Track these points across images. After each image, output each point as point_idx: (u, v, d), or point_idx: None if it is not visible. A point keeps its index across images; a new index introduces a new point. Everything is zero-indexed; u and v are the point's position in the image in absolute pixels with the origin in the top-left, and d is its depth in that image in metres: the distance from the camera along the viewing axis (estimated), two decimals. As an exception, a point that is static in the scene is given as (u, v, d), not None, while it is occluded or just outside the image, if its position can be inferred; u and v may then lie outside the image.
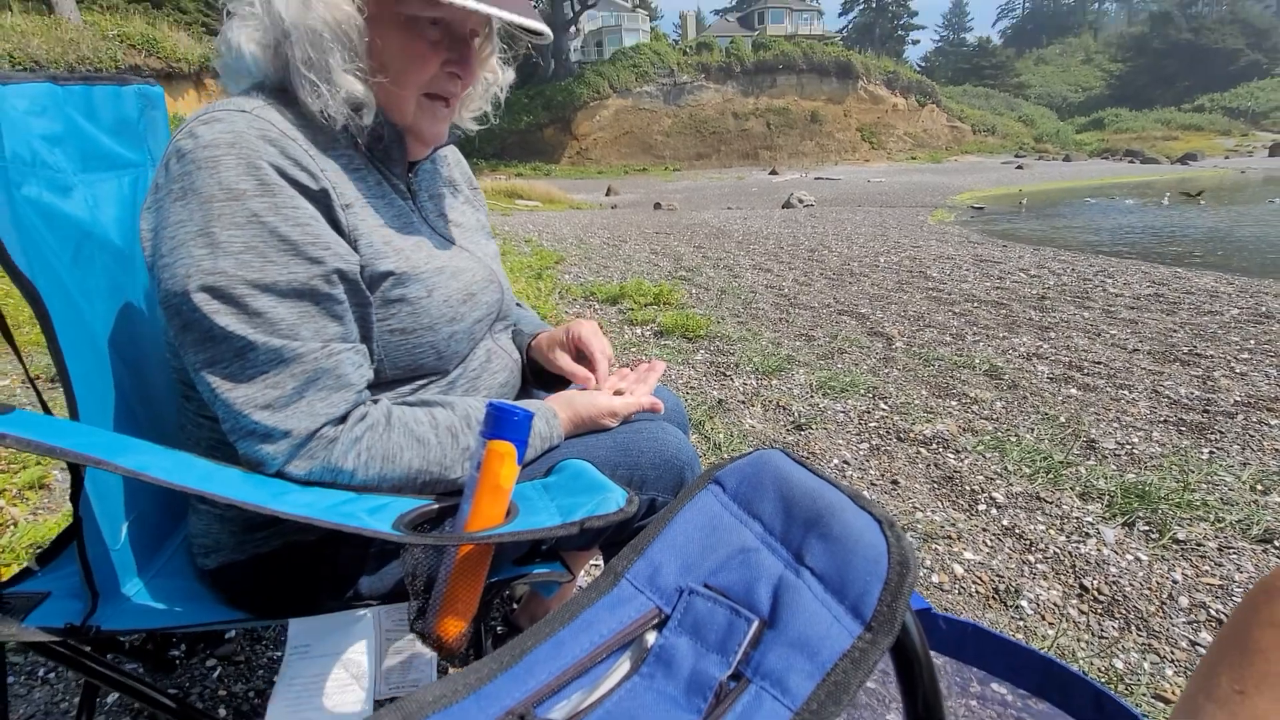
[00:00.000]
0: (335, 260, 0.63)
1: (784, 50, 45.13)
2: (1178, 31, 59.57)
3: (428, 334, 0.72)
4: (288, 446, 0.60)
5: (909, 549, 0.32)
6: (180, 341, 0.60)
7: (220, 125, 0.59)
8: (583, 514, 0.55)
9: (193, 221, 0.57)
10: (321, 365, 0.61)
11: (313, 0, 0.62)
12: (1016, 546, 1.60)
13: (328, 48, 0.63)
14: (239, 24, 0.65)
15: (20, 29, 13.64)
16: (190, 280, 0.57)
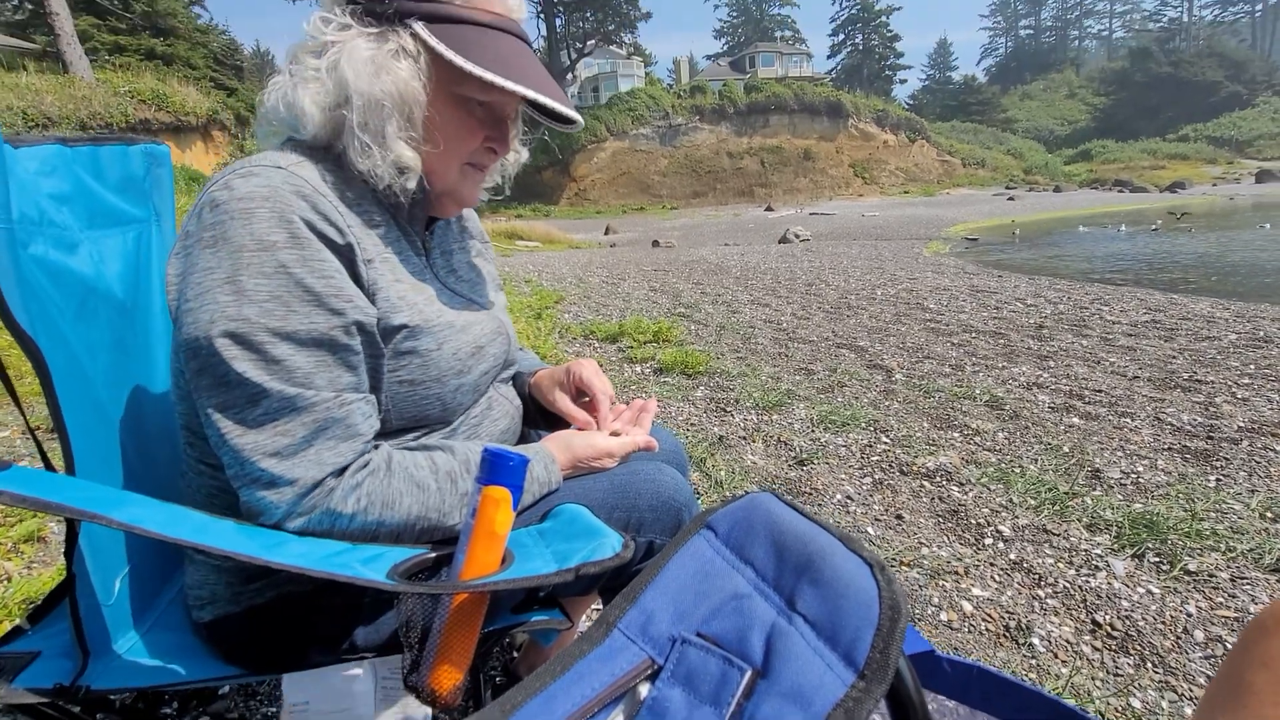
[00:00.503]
0: (355, 313, 0.65)
1: (775, 92, 46.40)
2: (1158, 65, 61.21)
3: (435, 385, 0.74)
4: (292, 495, 0.61)
5: (900, 593, 0.32)
6: (195, 385, 0.61)
7: (257, 179, 0.62)
8: (578, 560, 0.55)
9: (221, 269, 0.59)
10: (333, 414, 0.63)
11: (383, 73, 0.66)
12: (1025, 581, 1.57)
13: (387, 115, 0.67)
14: (300, 84, 0.68)
15: (35, 87, 14.09)
16: (214, 325, 0.58)
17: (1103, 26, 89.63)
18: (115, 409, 0.76)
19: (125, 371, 0.79)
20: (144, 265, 0.88)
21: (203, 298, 0.59)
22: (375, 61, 0.66)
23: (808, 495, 2.05)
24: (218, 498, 0.71)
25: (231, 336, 0.58)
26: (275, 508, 0.61)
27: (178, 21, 24.03)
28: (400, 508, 0.65)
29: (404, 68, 0.66)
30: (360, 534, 0.64)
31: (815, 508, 1.98)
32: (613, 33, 45.59)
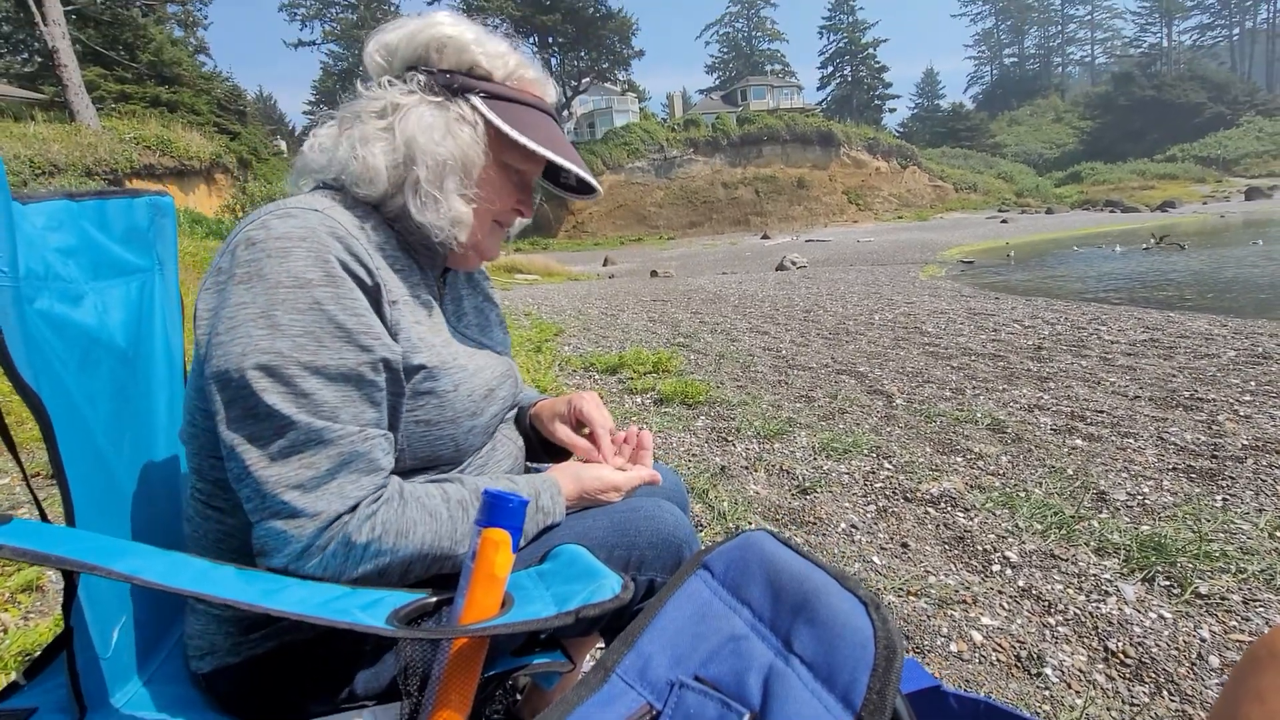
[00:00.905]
0: (383, 350, 0.67)
1: (767, 123, 47.36)
2: (1140, 89, 62.47)
3: (450, 426, 0.75)
4: (313, 528, 0.61)
5: (895, 632, 0.32)
6: (222, 418, 0.61)
7: (294, 220, 0.65)
8: (578, 602, 0.55)
9: (255, 304, 0.61)
10: (357, 448, 0.64)
11: (449, 137, 0.73)
12: (1035, 609, 1.55)
13: (449, 173, 0.74)
14: (367, 141, 0.73)
15: (42, 136, 14.38)
16: (246, 358, 0.60)
17: (1085, 53, 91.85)
18: (115, 457, 0.76)
19: (126, 420, 0.80)
20: (146, 314, 0.90)
21: (235, 331, 0.61)
22: (443, 126, 0.73)
23: (812, 525, 2.03)
24: (225, 541, 0.71)
25: (263, 369, 0.60)
26: (295, 541, 0.61)
27: (183, 70, 24.65)
28: (414, 536, 0.66)
29: (466, 133, 0.74)
30: (374, 566, 0.64)
31: (820, 537, 1.96)
32: (607, 70, 46.79)
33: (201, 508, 0.72)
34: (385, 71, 0.76)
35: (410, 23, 0.76)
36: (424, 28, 0.75)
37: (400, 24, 0.77)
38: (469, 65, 0.76)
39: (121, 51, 22.48)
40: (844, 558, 1.84)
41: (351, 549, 0.62)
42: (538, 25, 43.64)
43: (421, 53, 0.75)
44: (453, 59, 0.76)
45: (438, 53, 0.75)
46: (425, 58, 0.76)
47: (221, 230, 14.68)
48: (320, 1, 48.86)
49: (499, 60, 0.78)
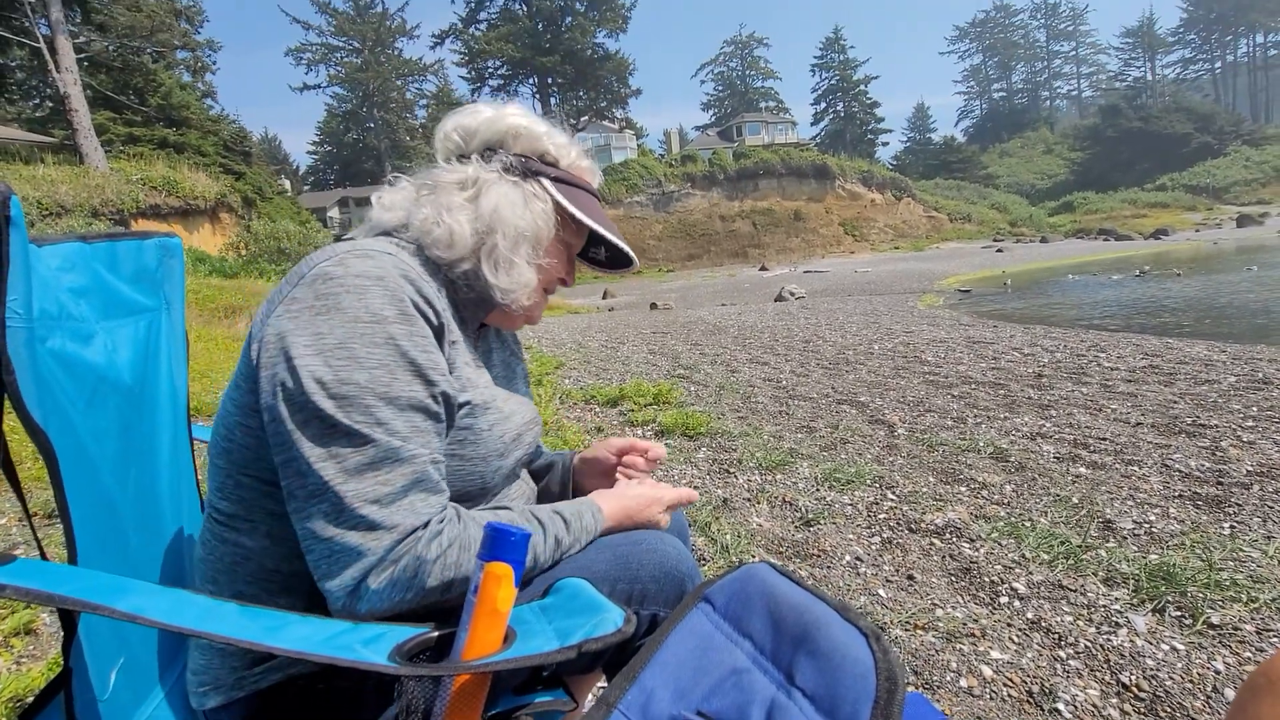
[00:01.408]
0: (444, 384, 0.72)
1: (763, 158, 48.26)
2: (1128, 121, 63.80)
3: (480, 464, 0.79)
4: (389, 540, 0.63)
5: (896, 663, 0.33)
6: (296, 438, 0.64)
7: (371, 261, 0.70)
8: (580, 636, 0.54)
9: (334, 335, 0.65)
10: (426, 470, 0.68)
11: (528, 212, 0.83)
12: (1045, 641, 1.52)
13: (524, 243, 0.83)
14: (451, 210, 0.80)
15: (51, 178, 14.66)
16: (324, 387, 0.64)
17: (1071, 87, 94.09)
18: (119, 494, 0.76)
19: (131, 457, 0.80)
20: (153, 352, 0.91)
21: (314, 358, 0.64)
22: (521, 202, 0.82)
23: (816, 558, 2.01)
24: (240, 566, 0.72)
25: (340, 398, 0.64)
26: (369, 554, 0.63)
27: (191, 113, 25.26)
28: (475, 549, 0.67)
29: (539, 209, 0.84)
30: (439, 581, 0.65)
31: (824, 570, 1.94)
32: (605, 109, 47.92)
33: (219, 530, 0.73)
34: (460, 150, 0.85)
35: (486, 110, 0.86)
36: (502, 117, 0.85)
37: (476, 110, 0.86)
38: (540, 152, 0.87)
39: (131, 96, 23.08)
40: (849, 591, 1.81)
41: (422, 564, 0.64)
42: (538, 67, 44.87)
43: (500, 137, 0.85)
44: (526, 145, 0.86)
45: (514, 139, 0.85)
46: (503, 142, 0.85)
47: (225, 268, 14.84)
48: (326, 47, 50.26)
49: (564, 150, 0.89)
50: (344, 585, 0.63)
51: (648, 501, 0.88)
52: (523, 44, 44.43)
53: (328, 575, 0.63)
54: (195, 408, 4.52)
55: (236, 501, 0.72)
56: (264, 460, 0.70)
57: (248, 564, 0.72)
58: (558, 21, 45.51)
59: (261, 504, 0.71)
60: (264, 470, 0.70)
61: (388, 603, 0.64)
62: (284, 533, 0.71)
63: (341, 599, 0.63)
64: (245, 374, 0.70)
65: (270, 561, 0.72)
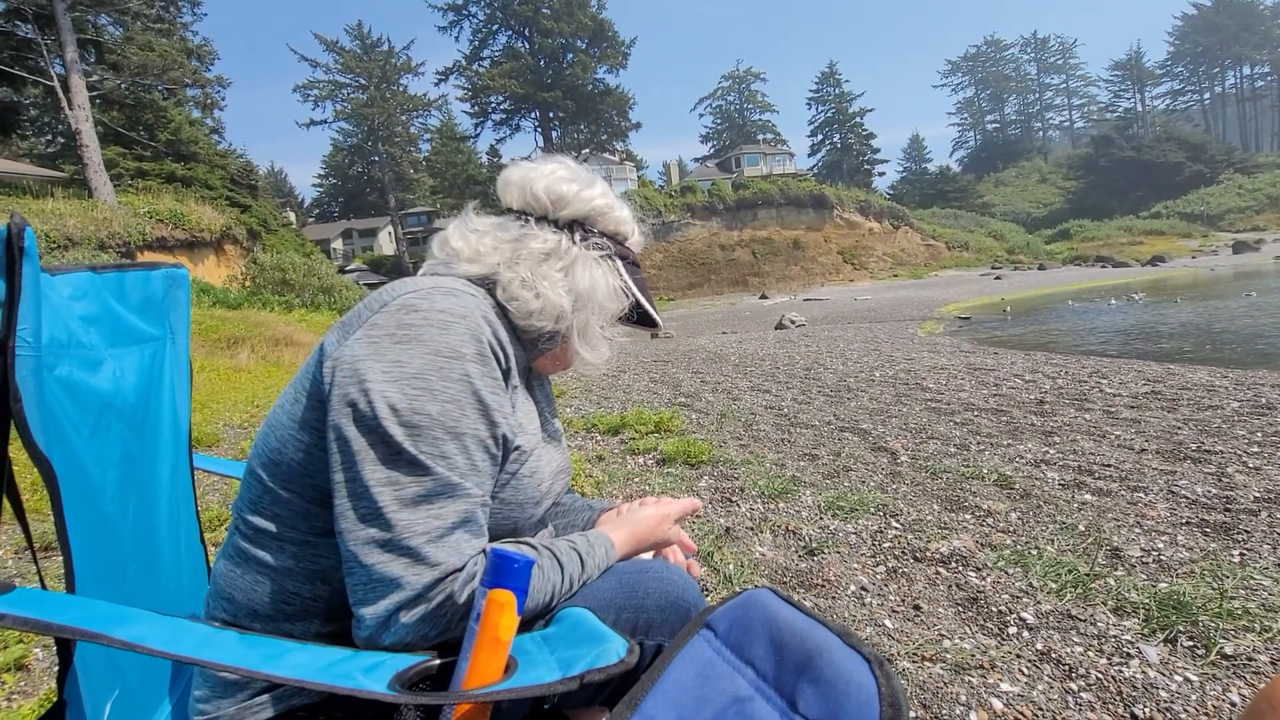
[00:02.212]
0: (505, 427, 0.74)
1: (762, 188, 48.91)
2: (1120, 150, 64.75)
3: (516, 510, 0.80)
4: (431, 577, 0.64)
5: (899, 689, 0.32)
6: (356, 459, 0.65)
7: (455, 300, 0.73)
8: (582, 667, 0.54)
9: (413, 365, 0.67)
10: (475, 511, 0.69)
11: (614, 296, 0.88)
12: (1056, 673, 1.49)
13: (608, 321, 0.90)
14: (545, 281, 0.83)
15: (59, 212, 14.88)
16: (397, 414, 0.65)
17: (1063, 118, 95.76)
18: (119, 522, 0.76)
19: (132, 485, 0.80)
20: (156, 380, 0.92)
21: (390, 384, 0.66)
22: (609, 284, 0.88)
23: (820, 587, 1.98)
24: (261, 585, 0.72)
25: (410, 427, 0.65)
26: (409, 587, 0.63)
27: (199, 148, 25.73)
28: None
29: (618, 289, 0.89)
30: (464, 612, 0.66)
31: (829, 600, 1.91)
32: (606, 142, 48.78)
33: (245, 546, 0.73)
34: (545, 213, 0.87)
35: (576, 179, 0.89)
36: (593, 195, 0.89)
37: (572, 177, 0.89)
38: (616, 232, 0.92)
39: (142, 132, 23.55)
40: (855, 622, 1.78)
41: (454, 606, 0.65)
42: (539, 101, 45.83)
43: (588, 214, 0.89)
44: (607, 225, 0.91)
45: (600, 217, 0.90)
46: (589, 218, 0.89)
47: (229, 299, 14.95)
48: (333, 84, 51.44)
49: (628, 227, 0.95)
50: (378, 615, 0.63)
51: (656, 521, 0.89)
52: (525, 80, 45.48)
53: (364, 601, 0.64)
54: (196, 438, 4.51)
55: (271, 518, 0.72)
56: (310, 478, 0.70)
57: (268, 583, 0.72)
58: (559, 58, 46.66)
59: (295, 523, 0.72)
60: (307, 488, 0.71)
61: (413, 637, 0.64)
62: (309, 556, 0.72)
63: (372, 627, 0.64)
64: (310, 390, 0.71)
65: (291, 584, 0.72)
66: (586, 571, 0.78)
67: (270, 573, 0.72)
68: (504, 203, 0.90)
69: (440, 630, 0.65)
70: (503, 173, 0.91)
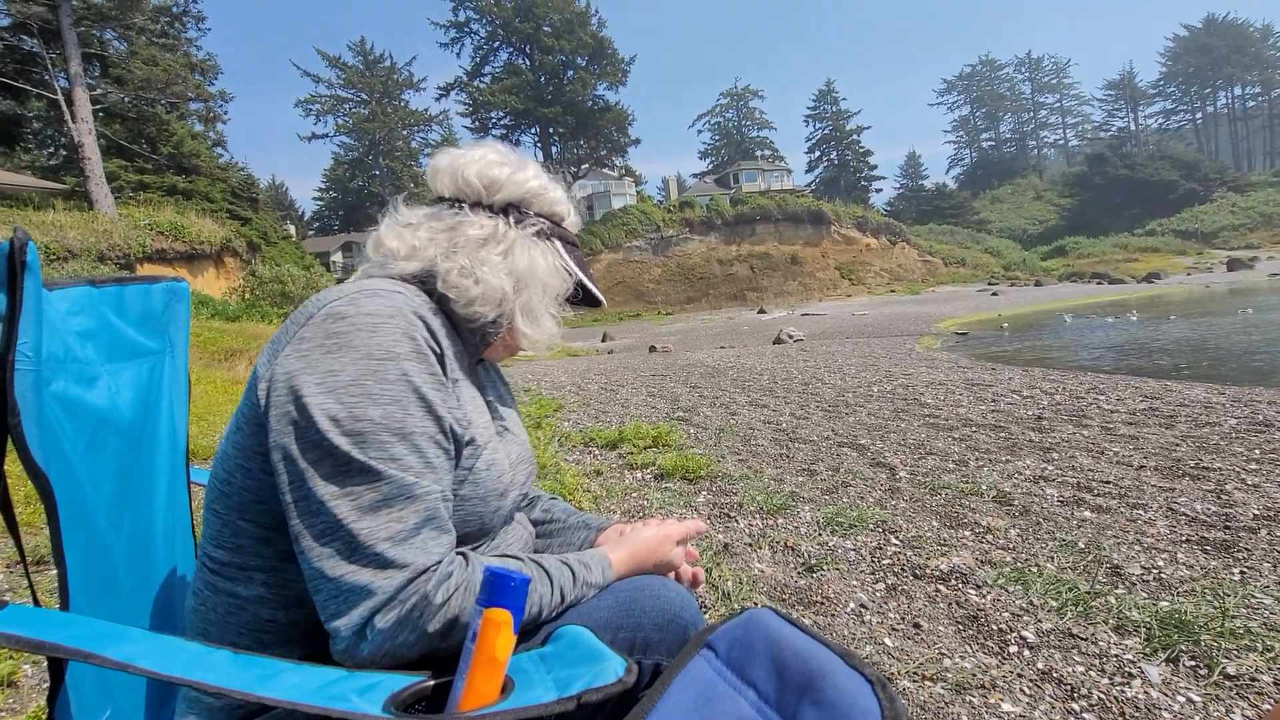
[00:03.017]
0: (451, 420, 0.73)
1: (760, 203, 49.29)
2: (1114, 169, 65.43)
3: (480, 505, 0.79)
4: (400, 579, 0.63)
5: (902, 711, 0.32)
6: (309, 476, 0.64)
7: (383, 300, 0.72)
8: (580, 686, 0.53)
9: (346, 372, 0.66)
10: (437, 508, 0.68)
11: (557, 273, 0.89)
12: (1058, 694, 1.48)
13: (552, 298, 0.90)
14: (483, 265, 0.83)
15: (59, 224, 14.92)
16: (339, 425, 0.64)
17: (1058, 136, 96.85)
18: (114, 538, 0.76)
19: (127, 501, 0.80)
20: (154, 395, 0.91)
21: (327, 395, 0.65)
22: (549, 262, 0.89)
23: (820, 604, 1.97)
24: (233, 616, 0.70)
25: (354, 435, 0.64)
26: (379, 593, 0.62)
27: (201, 161, 25.89)
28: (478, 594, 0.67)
29: (559, 268, 0.90)
30: (442, 622, 0.64)
31: (828, 618, 1.89)
32: (605, 157, 49.19)
33: (213, 579, 0.72)
34: (479, 198, 0.87)
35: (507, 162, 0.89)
36: (527, 178, 0.89)
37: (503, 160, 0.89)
38: (552, 214, 0.92)
39: (144, 145, 23.71)
40: (855, 640, 1.77)
41: (428, 605, 0.64)
42: (539, 117, 46.25)
43: (523, 197, 0.89)
44: (542, 207, 0.90)
45: (535, 199, 0.90)
46: (525, 201, 0.89)
47: (228, 312, 14.96)
48: (334, 98, 51.92)
49: (564, 207, 0.94)
50: (351, 624, 0.62)
51: (657, 542, 0.87)
52: (526, 96, 45.95)
53: (336, 615, 0.62)
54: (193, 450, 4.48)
55: (233, 549, 0.71)
56: (264, 504, 0.69)
57: (242, 614, 0.70)
58: (560, 75, 47.17)
59: (258, 551, 0.70)
60: (263, 515, 0.70)
61: (391, 644, 0.63)
62: (280, 581, 0.70)
63: (347, 639, 0.62)
64: (249, 416, 0.70)
65: (266, 611, 0.71)
66: (579, 588, 0.76)
67: (243, 603, 0.70)
68: (435, 191, 0.89)
69: (418, 635, 0.63)
70: (431, 160, 0.90)
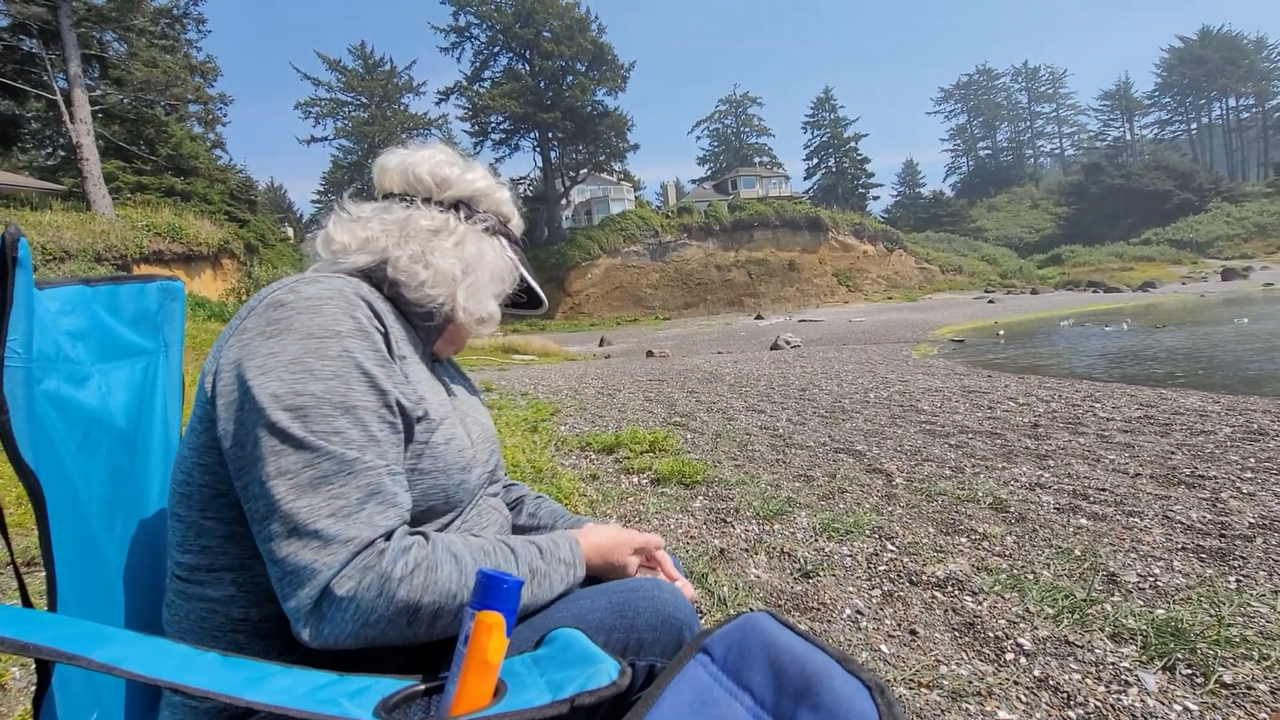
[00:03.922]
0: (396, 394, 0.73)
1: (758, 210, 49.43)
2: (1110, 178, 65.76)
3: (442, 478, 0.79)
4: (345, 554, 0.62)
5: (901, 716, 0.32)
6: (250, 460, 0.64)
7: (320, 285, 0.74)
8: (573, 689, 0.53)
9: (287, 352, 0.67)
10: (382, 481, 0.67)
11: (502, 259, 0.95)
12: (1054, 701, 1.47)
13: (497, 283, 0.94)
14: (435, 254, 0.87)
15: (56, 224, 14.88)
16: (280, 400, 0.64)
17: (1054, 145, 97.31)
18: (106, 539, 0.75)
19: (120, 501, 0.79)
20: (148, 395, 0.91)
21: (267, 376, 0.65)
22: (497, 253, 0.95)
23: (816, 610, 1.96)
24: (207, 620, 0.70)
25: (294, 410, 0.64)
26: (325, 569, 0.61)
27: (199, 163, 25.85)
28: (441, 573, 0.66)
29: (506, 260, 0.96)
30: (405, 599, 0.63)
31: (825, 624, 1.89)
32: (604, 162, 49.24)
33: (182, 585, 0.71)
34: (428, 194, 0.91)
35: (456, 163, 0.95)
36: (476, 178, 0.95)
37: (452, 160, 0.95)
38: (498, 212, 0.98)
39: (143, 146, 23.67)
40: (851, 646, 1.76)
41: (386, 581, 0.63)
42: (538, 122, 46.32)
43: (471, 195, 0.94)
44: (489, 205, 0.96)
45: (483, 198, 0.95)
46: (473, 199, 0.94)
47: (225, 313, 14.92)
48: (334, 102, 51.93)
49: (509, 208, 1.00)
50: (302, 605, 0.61)
51: (615, 542, 0.87)
52: (525, 100, 45.99)
53: (287, 597, 0.62)
54: (185, 453, 4.45)
55: (199, 551, 0.70)
56: (225, 498, 0.69)
57: (214, 617, 0.70)
58: (559, 80, 47.25)
59: (225, 550, 0.70)
60: (224, 510, 0.70)
61: (352, 624, 0.62)
62: (249, 579, 0.70)
63: (302, 619, 0.61)
64: (200, 414, 0.70)
65: (238, 610, 0.70)
66: (548, 562, 0.77)
67: (214, 605, 0.70)
68: (383, 188, 0.93)
69: (378, 615, 0.62)
70: (379, 159, 0.95)
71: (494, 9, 46.78)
